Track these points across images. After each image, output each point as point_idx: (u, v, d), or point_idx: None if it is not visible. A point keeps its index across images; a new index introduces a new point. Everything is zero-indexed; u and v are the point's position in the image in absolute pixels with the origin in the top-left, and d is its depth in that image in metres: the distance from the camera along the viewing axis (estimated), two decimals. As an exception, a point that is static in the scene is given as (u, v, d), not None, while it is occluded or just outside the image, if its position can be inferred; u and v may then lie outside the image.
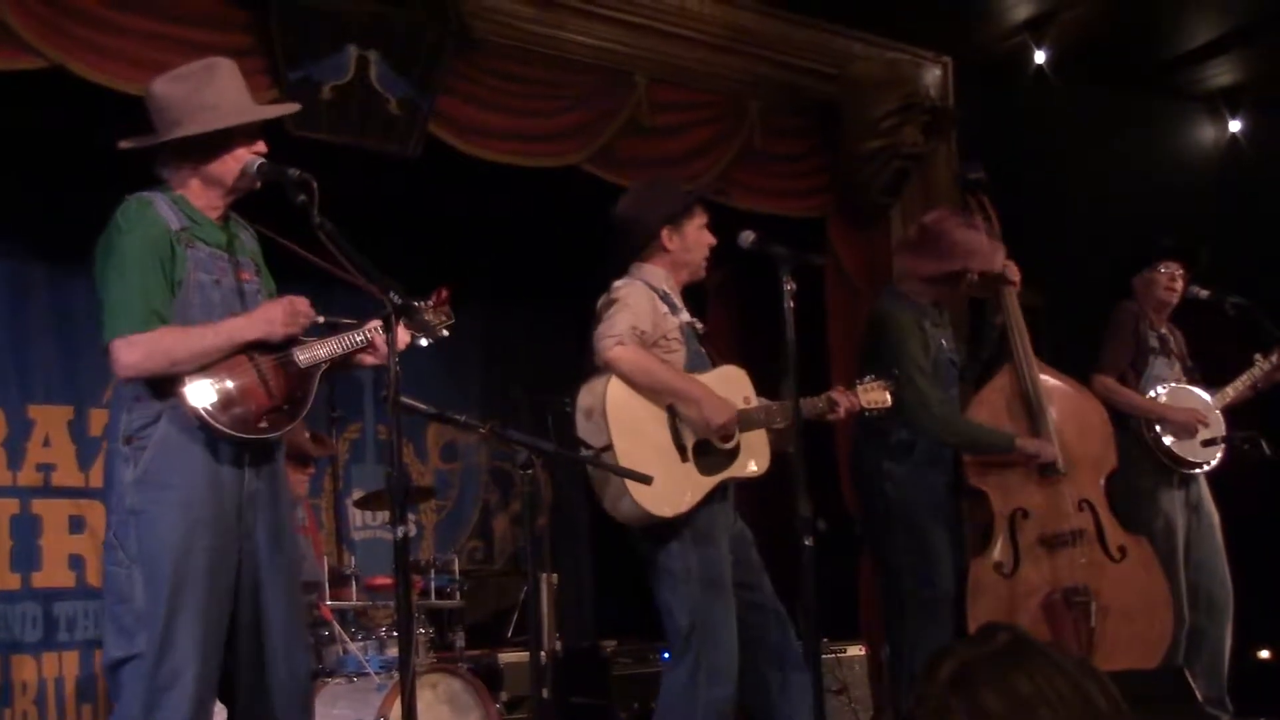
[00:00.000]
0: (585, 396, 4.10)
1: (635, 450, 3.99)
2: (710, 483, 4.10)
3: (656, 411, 4.10)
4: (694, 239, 4.30)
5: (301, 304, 3.36)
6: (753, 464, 4.20)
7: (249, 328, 3.28)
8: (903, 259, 5.06)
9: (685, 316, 4.29)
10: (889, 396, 4.41)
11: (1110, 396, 5.37)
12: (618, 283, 4.22)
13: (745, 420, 4.14)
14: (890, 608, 5.00)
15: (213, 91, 3.33)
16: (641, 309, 4.14)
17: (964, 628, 4.76)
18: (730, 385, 4.21)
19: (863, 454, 4.95)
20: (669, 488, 3.99)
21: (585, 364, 4.19)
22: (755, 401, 4.22)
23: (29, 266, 6.04)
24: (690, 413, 4.08)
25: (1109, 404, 5.33)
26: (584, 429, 4.08)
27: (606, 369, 4.07)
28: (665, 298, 4.24)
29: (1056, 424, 5.01)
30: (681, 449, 4.09)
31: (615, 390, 4.05)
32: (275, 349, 3.33)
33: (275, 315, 3.31)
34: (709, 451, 4.12)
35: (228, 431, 3.21)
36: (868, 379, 4.43)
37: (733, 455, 4.16)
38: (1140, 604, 4.98)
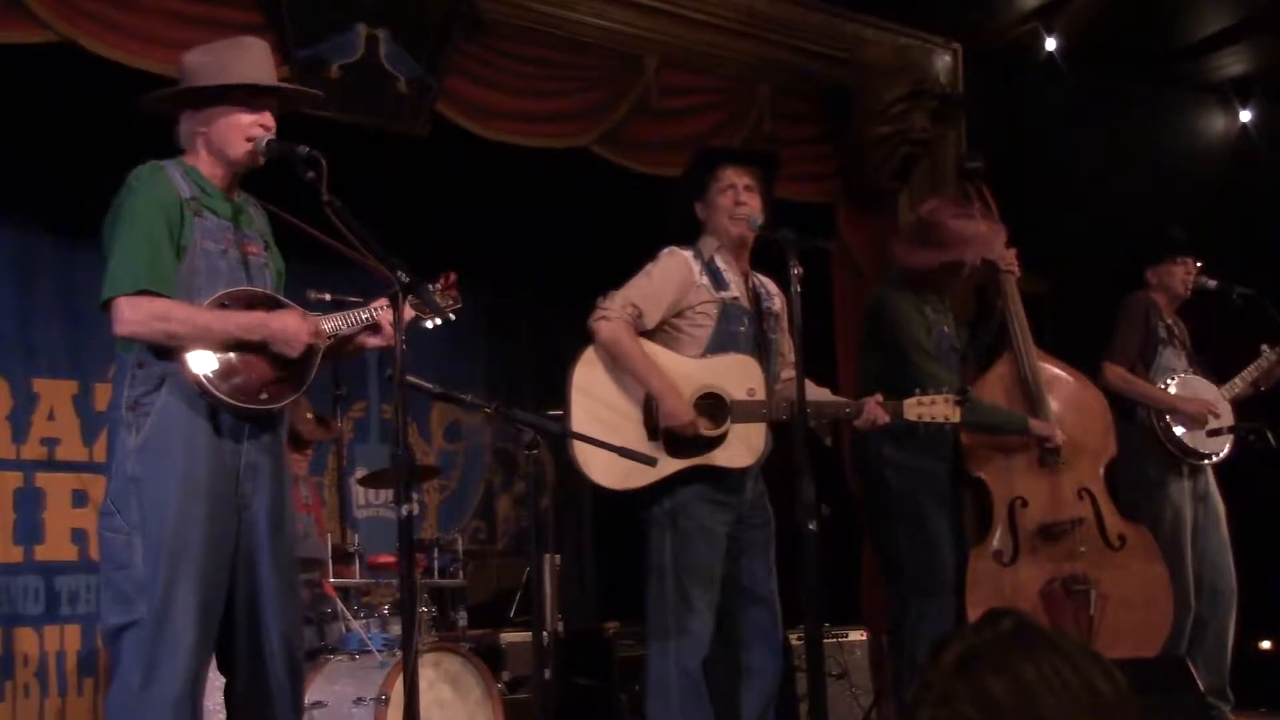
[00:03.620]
0: None
1: (588, 419, 4.01)
2: (675, 465, 4.06)
3: (633, 388, 4.09)
4: (713, 203, 4.27)
5: (317, 336, 3.33)
6: (732, 457, 4.11)
7: (259, 330, 3.26)
8: (898, 250, 5.01)
9: (732, 292, 4.20)
10: (956, 412, 4.20)
11: (1123, 386, 5.36)
12: (667, 249, 4.22)
13: (739, 412, 4.09)
14: (891, 593, 5.00)
15: (227, 60, 3.34)
16: (660, 283, 4.14)
17: (963, 617, 4.76)
18: (734, 374, 4.13)
19: (864, 439, 4.90)
20: (620, 462, 3.87)
21: None
22: (761, 394, 4.13)
23: (35, 242, 6.02)
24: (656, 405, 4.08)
25: (1121, 394, 5.32)
26: None
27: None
28: (712, 269, 4.20)
29: (1056, 412, 4.99)
30: (653, 428, 4.07)
31: (589, 358, 4.10)
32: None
33: (290, 330, 3.27)
34: (688, 436, 4.07)
35: (228, 400, 3.21)
36: (934, 393, 4.23)
37: (714, 443, 4.09)
38: (1140, 592, 4.97)
